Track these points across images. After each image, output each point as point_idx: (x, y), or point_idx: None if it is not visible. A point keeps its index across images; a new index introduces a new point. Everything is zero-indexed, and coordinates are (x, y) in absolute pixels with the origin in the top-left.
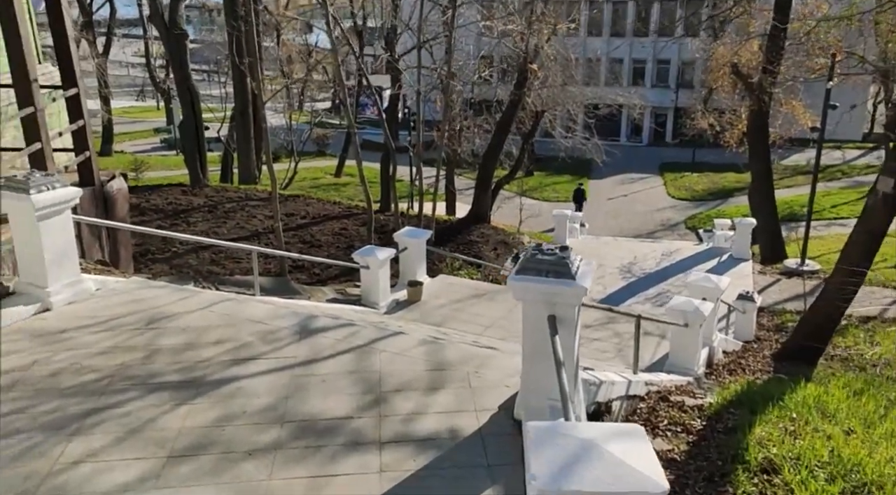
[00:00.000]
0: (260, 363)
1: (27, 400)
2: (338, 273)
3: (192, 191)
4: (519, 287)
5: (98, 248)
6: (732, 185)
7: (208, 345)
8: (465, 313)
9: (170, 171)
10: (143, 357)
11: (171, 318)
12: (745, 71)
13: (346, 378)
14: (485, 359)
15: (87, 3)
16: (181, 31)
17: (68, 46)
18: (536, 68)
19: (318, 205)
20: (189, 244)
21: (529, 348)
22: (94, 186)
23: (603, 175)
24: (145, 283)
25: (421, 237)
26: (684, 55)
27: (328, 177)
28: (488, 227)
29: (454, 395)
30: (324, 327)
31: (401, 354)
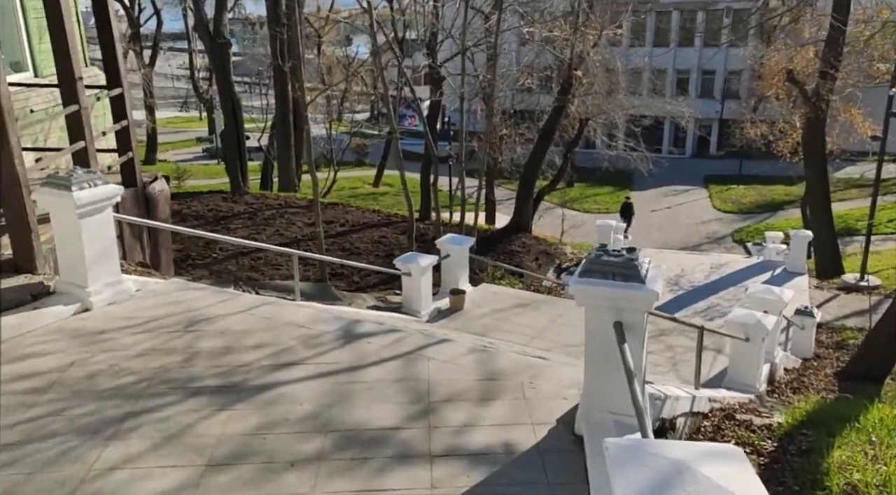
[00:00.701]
0: (302, 368)
1: (64, 402)
2: (377, 281)
3: (232, 198)
4: (582, 291)
5: (139, 250)
6: (781, 198)
7: (248, 348)
8: (509, 323)
9: (211, 179)
10: (182, 360)
11: (210, 321)
12: (801, 78)
13: (392, 386)
14: (539, 370)
15: (135, 15)
16: (225, 40)
17: (114, 46)
18: (581, 75)
19: (357, 213)
20: (229, 250)
21: (592, 358)
22: (137, 187)
23: (645, 187)
24: (185, 285)
25: (464, 244)
26: (731, 65)
27: (366, 187)
28: (529, 237)
29: (508, 407)
30: (368, 333)
31: (450, 362)
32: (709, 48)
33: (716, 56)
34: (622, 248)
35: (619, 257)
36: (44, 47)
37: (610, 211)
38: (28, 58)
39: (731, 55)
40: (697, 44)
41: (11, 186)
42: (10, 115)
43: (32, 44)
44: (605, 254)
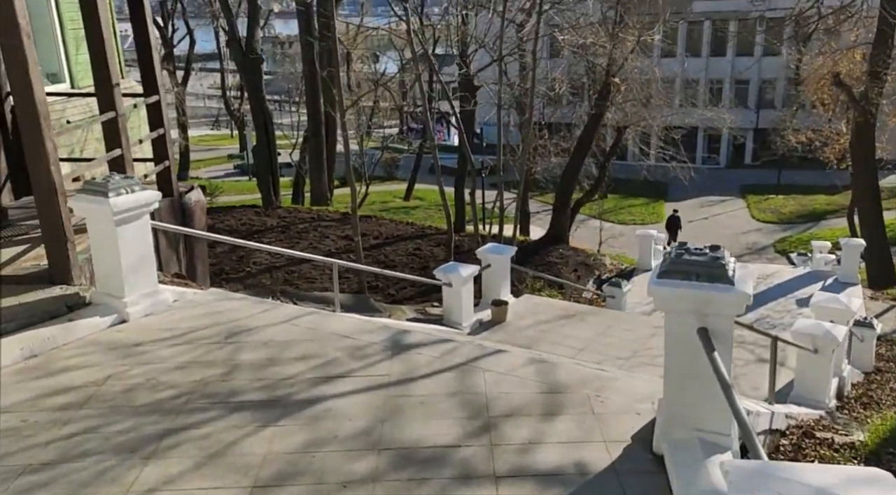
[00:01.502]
0: (350, 381)
1: (100, 419)
2: (413, 294)
3: (265, 212)
4: (662, 293)
5: (175, 262)
6: (823, 208)
7: (292, 360)
8: (554, 335)
9: (242, 196)
10: (223, 373)
11: (251, 332)
12: (848, 81)
13: (447, 400)
14: (605, 382)
15: (168, 35)
16: (257, 55)
17: (150, 52)
18: (619, 82)
19: (390, 225)
20: (262, 264)
21: (673, 368)
22: (173, 197)
23: (680, 198)
24: (224, 295)
25: (505, 253)
26: (765, 74)
27: (397, 201)
28: (567, 248)
29: (576, 423)
30: (417, 343)
31: (507, 374)
32: (742, 57)
33: (750, 65)
34: (704, 247)
35: (702, 256)
36: (80, 58)
37: (646, 222)
38: (65, 69)
39: (766, 64)
40: (730, 54)
41: (47, 193)
42: (45, 120)
43: (69, 55)
44: (685, 252)
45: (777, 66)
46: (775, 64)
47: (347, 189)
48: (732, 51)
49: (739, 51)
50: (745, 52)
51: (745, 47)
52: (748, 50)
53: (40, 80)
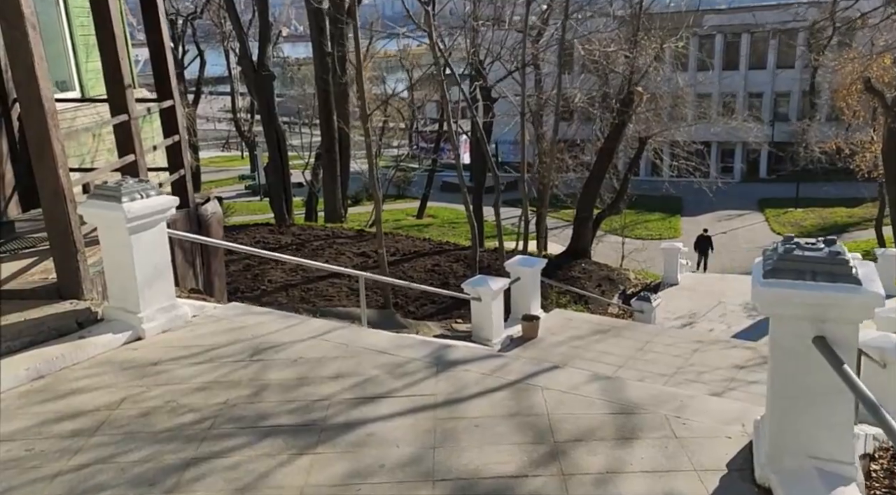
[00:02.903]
0: (392, 402)
1: (114, 447)
2: (433, 311)
3: (278, 230)
4: (771, 296)
5: (192, 277)
6: (845, 220)
7: (326, 379)
8: (590, 351)
9: (254, 216)
10: (250, 394)
11: (278, 348)
12: (879, 87)
13: (505, 422)
14: (684, 401)
15: (178, 57)
16: (269, 72)
17: (164, 56)
18: (642, 91)
19: (406, 241)
20: (278, 282)
21: (783, 385)
22: (189, 208)
23: (696, 212)
24: (247, 309)
25: (535, 266)
26: (778, 87)
27: (410, 219)
28: (590, 263)
29: (658, 448)
30: (463, 359)
31: (570, 393)
32: (755, 70)
33: (763, 77)
34: (817, 240)
35: (818, 250)
36: (91, 66)
37: (663, 237)
38: (75, 77)
39: (779, 77)
40: (743, 67)
41: (54, 198)
42: (52, 117)
43: (80, 62)
44: (797, 247)
45: (790, 80)
46: (789, 77)
47: (361, 208)
48: (745, 64)
49: (752, 64)
50: (757, 65)
51: (757, 60)
52: (761, 63)
53: (46, 75)
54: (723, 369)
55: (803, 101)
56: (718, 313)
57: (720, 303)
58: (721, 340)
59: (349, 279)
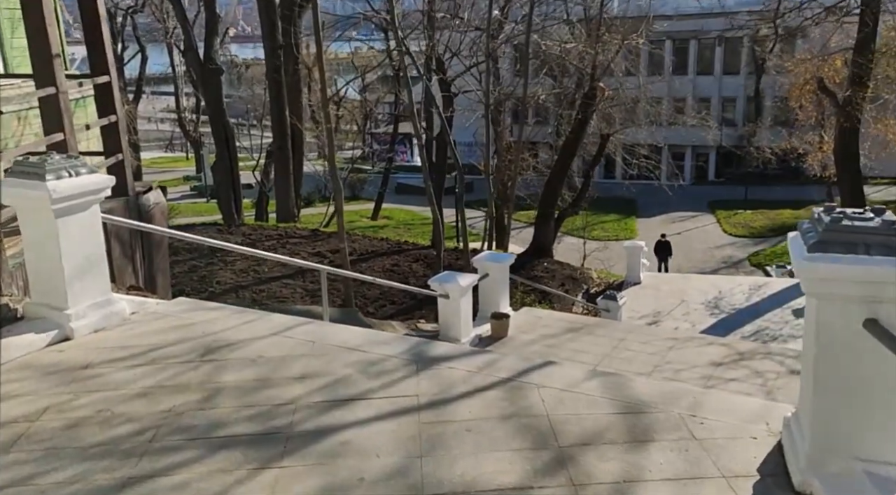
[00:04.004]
0: (369, 405)
1: (34, 466)
2: (394, 312)
3: (227, 230)
4: (818, 272)
5: (131, 273)
6: (791, 221)
7: (291, 381)
8: (564, 350)
9: (200, 217)
10: (201, 399)
11: (234, 347)
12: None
13: (500, 426)
14: (697, 397)
15: (117, 51)
16: (216, 66)
17: (100, 27)
18: (604, 86)
19: (363, 241)
20: (227, 283)
21: (826, 376)
22: (128, 197)
23: (650, 214)
24: (196, 305)
25: (504, 262)
26: (725, 92)
27: (364, 220)
28: (553, 262)
29: (677, 452)
30: (446, 355)
31: (569, 391)
32: (702, 76)
33: (711, 84)
34: (866, 208)
35: (868, 220)
36: (16, 43)
37: (619, 237)
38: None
39: (725, 83)
40: (691, 72)
41: None
42: None
43: (3, 38)
44: (844, 216)
45: (736, 85)
46: (735, 83)
47: (314, 209)
48: (693, 69)
49: (700, 70)
50: (705, 71)
51: (705, 67)
52: (708, 69)
53: None
54: (700, 367)
55: (749, 107)
56: (682, 312)
57: (683, 302)
58: (696, 337)
59: (304, 280)
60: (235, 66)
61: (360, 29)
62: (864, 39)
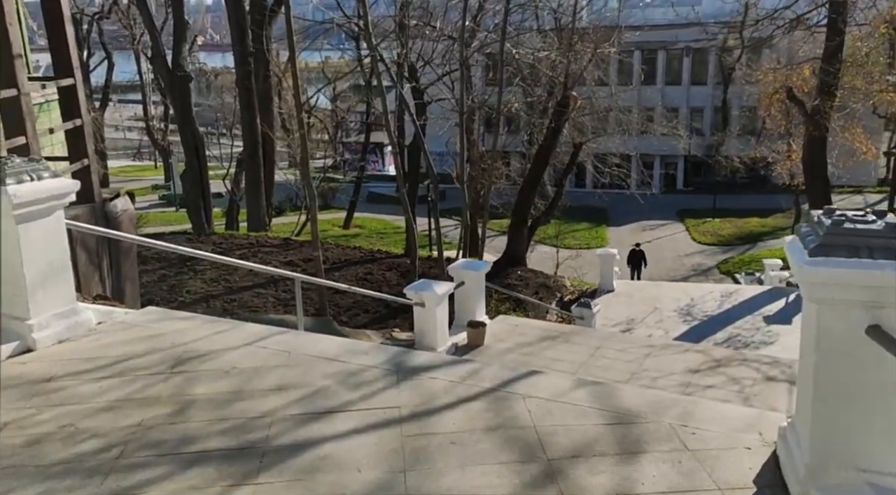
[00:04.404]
0: (349, 417)
1: None
2: (367, 320)
3: (197, 239)
4: (820, 276)
5: (98, 281)
6: (759, 230)
7: (266, 392)
8: (540, 358)
9: (169, 226)
10: (171, 413)
11: (206, 358)
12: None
13: (486, 438)
14: (686, 407)
15: (83, 59)
16: (185, 73)
17: (63, 28)
18: (577, 95)
19: (336, 250)
20: (197, 293)
21: (826, 384)
22: (95, 203)
23: (620, 222)
24: (165, 314)
25: (480, 269)
26: (693, 102)
27: (336, 229)
28: (526, 270)
29: (670, 464)
30: (427, 365)
31: (556, 401)
32: (671, 86)
33: (679, 93)
34: (866, 209)
35: (871, 222)
36: None
37: (591, 246)
38: None
39: (693, 94)
40: (659, 83)
41: None
42: None
43: None
44: (846, 219)
45: (704, 95)
46: (702, 93)
47: (285, 218)
48: (662, 80)
49: (669, 80)
50: (673, 81)
51: (673, 77)
52: (676, 80)
53: None
54: (677, 374)
55: (716, 116)
56: (655, 319)
57: (656, 309)
58: (672, 345)
59: (276, 289)
60: (205, 74)
61: (331, 37)
62: (832, 49)
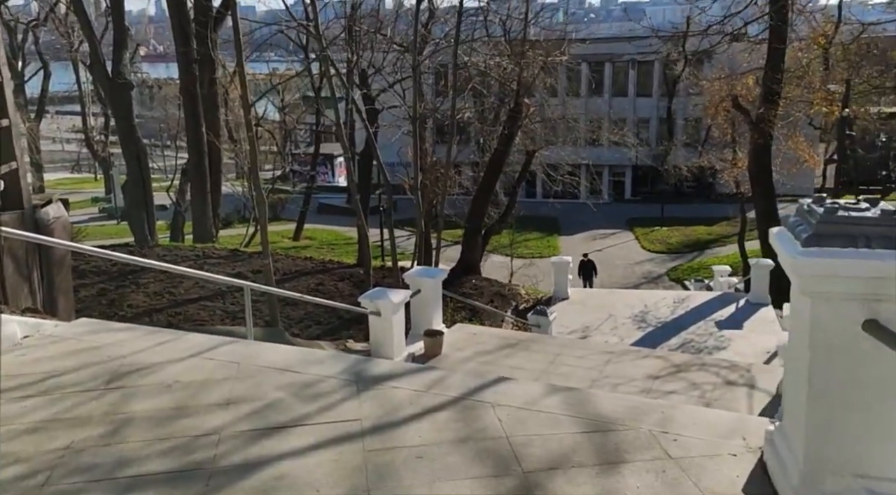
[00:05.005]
0: (305, 432)
1: None
2: (319, 332)
3: (140, 251)
4: (816, 268)
5: (28, 294)
6: (706, 237)
7: (213, 408)
8: (500, 367)
9: (110, 240)
10: (106, 433)
11: (145, 371)
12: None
13: (455, 450)
14: (665, 412)
15: (18, 67)
16: (126, 80)
17: None
18: (529, 102)
19: (287, 260)
20: (139, 307)
21: (822, 385)
22: (24, 210)
23: (572, 231)
24: (101, 326)
25: (437, 277)
26: (639, 113)
27: (286, 241)
28: (481, 279)
29: (653, 474)
30: (388, 374)
31: (527, 409)
32: (618, 98)
33: (626, 105)
34: (860, 198)
35: (864, 210)
36: None
37: (543, 255)
38: None
39: (639, 104)
40: (606, 94)
41: None
42: None
43: None
44: (840, 207)
45: (649, 107)
46: (648, 104)
47: (233, 230)
48: (608, 91)
49: (615, 92)
50: (620, 93)
51: (619, 89)
52: (623, 91)
53: None
54: (638, 380)
55: (661, 127)
56: (610, 326)
57: (611, 316)
58: (631, 350)
59: (223, 301)
60: (147, 85)
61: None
62: (774, 59)
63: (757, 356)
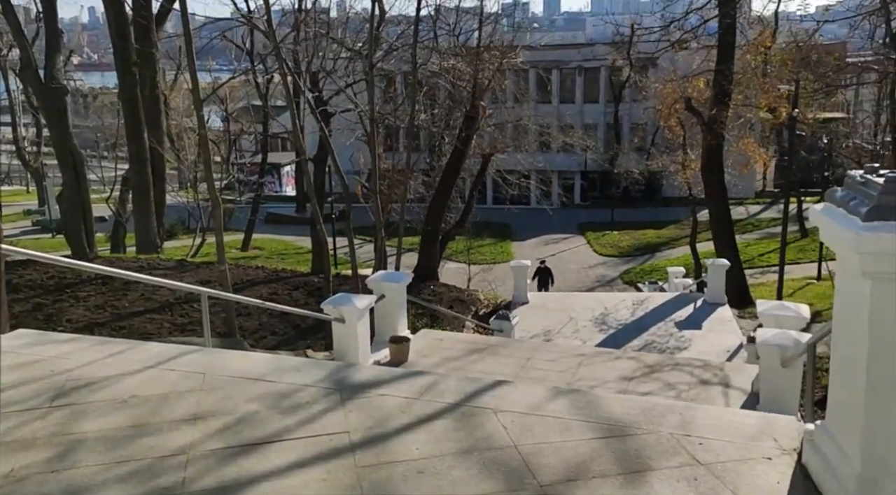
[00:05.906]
0: (287, 448)
1: None
2: (277, 343)
3: None
4: (883, 243)
5: None
6: (655, 241)
7: (178, 424)
8: (470, 372)
9: (46, 253)
10: (53, 457)
11: (96, 386)
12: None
13: (459, 463)
14: (684, 413)
15: None
16: (60, 86)
17: None
18: (485, 106)
19: (237, 270)
20: (80, 321)
21: (882, 376)
22: None
23: (524, 237)
24: (44, 337)
25: (401, 281)
26: (586, 119)
27: (234, 251)
28: (439, 285)
29: (684, 482)
30: (374, 380)
31: (533, 415)
32: (565, 104)
33: (574, 111)
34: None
35: None
36: None
37: (497, 261)
38: None
39: (587, 110)
40: (555, 101)
41: None
42: None
43: None
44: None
45: (596, 113)
46: (595, 110)
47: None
48: (556, 98)
49: (563, 98)
50: (567, 99)
51: (567, 95)
52: (570, 98)
53: None
54: (612, 381)
55: (609, 133)
56: (572, 329)
57: (572, 319)
58: (602, 352)
59: (171, 314)
60: (82, 94)
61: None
62: (724, 61)
63: (718, 355)
